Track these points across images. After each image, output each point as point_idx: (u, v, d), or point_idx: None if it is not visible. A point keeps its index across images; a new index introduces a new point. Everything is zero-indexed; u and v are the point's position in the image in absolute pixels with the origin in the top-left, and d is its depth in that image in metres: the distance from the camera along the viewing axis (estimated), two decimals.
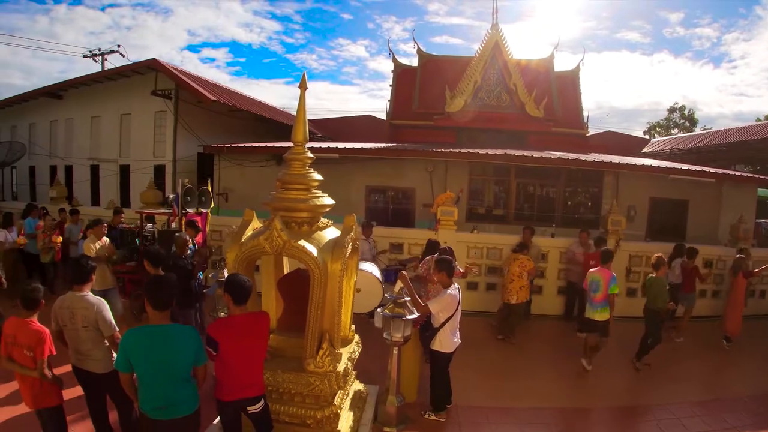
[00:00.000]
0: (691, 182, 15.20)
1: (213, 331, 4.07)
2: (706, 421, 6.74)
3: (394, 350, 5.89)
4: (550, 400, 7.25)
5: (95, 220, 9.24)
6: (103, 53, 29.56)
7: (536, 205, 16.90)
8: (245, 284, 4.20)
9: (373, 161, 15.69)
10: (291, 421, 4.77)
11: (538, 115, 20.01)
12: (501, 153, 14.78)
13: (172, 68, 17.71)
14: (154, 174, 17.79)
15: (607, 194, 15.89)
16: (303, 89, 4.89)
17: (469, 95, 20.09)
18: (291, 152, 4.99)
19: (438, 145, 17.34)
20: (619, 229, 11.29)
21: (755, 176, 18.93)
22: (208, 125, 18.57)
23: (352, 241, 5.03)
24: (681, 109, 58.37)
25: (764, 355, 9.62)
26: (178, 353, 3.85)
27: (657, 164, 16.95)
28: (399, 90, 23.17)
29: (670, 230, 15.13)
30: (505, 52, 20.29)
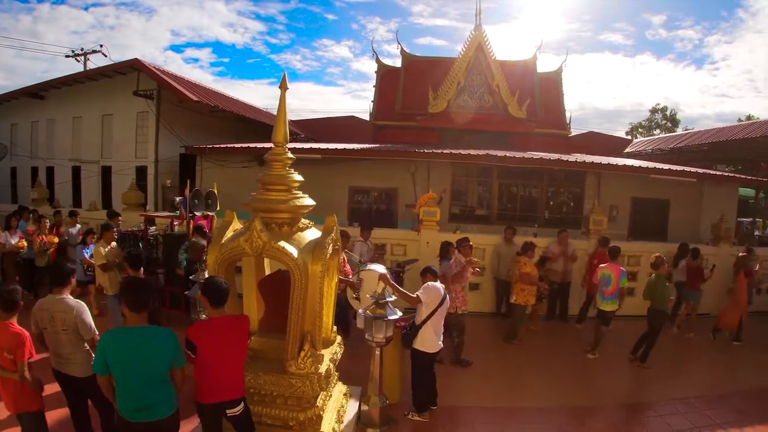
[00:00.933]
0: (673, 182, 15.35)
1: (191, 334, 4.04)
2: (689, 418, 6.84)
3: (376, 351, 5.87)
4: (534, 399, 7.30)
5: (105, 225, 9.14)
6: (85, 53, 29.28)
7: (519, 205, 17.02)
8: (222, 286, 4.18)
9: (355, 162, 15.68)
10: (273, 423, 4.74)
11: (521, 116, 20.10)
12: (483, 153, 14.86)
13: (154, 68, 17.58)
14: (136, 175, 17.62)
15: (589, 194, 16.02)
16: (284, 90, 4.88)
17: (452, 96, 20.15)
18: (271, 153, 4.97)
19: (421, 145, 17.37)
20: (600, 228, 11.41)
21: (736, 176, 19.19)
22: (190, 126, 18.44)
23: (333, 242, 5.00)
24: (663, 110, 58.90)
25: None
26: (155, 355, 3.81)
27: (638, 164, 17.11)
28: (382, 91, 23.19)
29: (651, 230, 15.27)
30: (488, 54, 20.36)
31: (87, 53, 29.25)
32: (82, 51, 29.40)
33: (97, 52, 29.17)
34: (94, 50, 29.28)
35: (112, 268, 8.17)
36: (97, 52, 29.17)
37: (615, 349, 9.37)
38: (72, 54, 29.54)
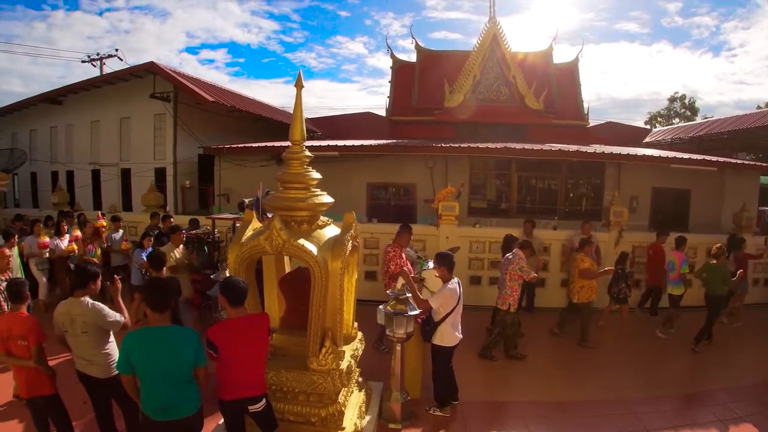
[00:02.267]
0: (693, 171, 15.17)
1: (212, 335, 4.08)
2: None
3: (397, 347, 5.88)
4: (555, 394, 7.24)
5: (173, 227, 9.16)
6: (101, 57, 29.51)
7: (538, 198, 16.90)
8: (240, 285, 4.19)
9: (373, 158, 15.67)
10: (296, 419, 4.77)
11: (538, 108, 19.98)
12: (501, 146, 14.79)
13: (170, 71, 17.73)
14: (155, 177, 17.78)
15: (609, 185, 15.83)
16: (299, 88, 4.88)
17: (468, 90, 20.08)
18: (289, 151, 4.99)
19: (438, 140, 17.34)
20: (621, 220, 11.28)
21: (757, 164, 18.86)
22: (207, 127, 18.61)
23: (352, 239, 5.01)
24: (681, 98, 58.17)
25: None
26: (178, 354, 3.86)
27: (658, 154, 16.92)
28: (398, 86, 23.15)
29: (672, 220, 15.06)
30: (504, 46, 20.27)
31: (103, 58, 29.50)
32: (98, 56, 29.64)
33: (113, 57, 29.44)
34: (109, 55, 29.54)
35: (181, 271, 8.14)
36: (112, 56, 29.44)
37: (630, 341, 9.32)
38: (88, 59, 29.81)
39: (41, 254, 10.20)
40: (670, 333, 9.76)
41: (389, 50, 24.34)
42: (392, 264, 7.94)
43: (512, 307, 8.07)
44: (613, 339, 9.60)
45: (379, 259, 10.95)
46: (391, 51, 24.17)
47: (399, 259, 7.98)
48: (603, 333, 9.77)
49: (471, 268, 11.25)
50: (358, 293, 6.17)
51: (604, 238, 11.24)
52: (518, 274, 7.99)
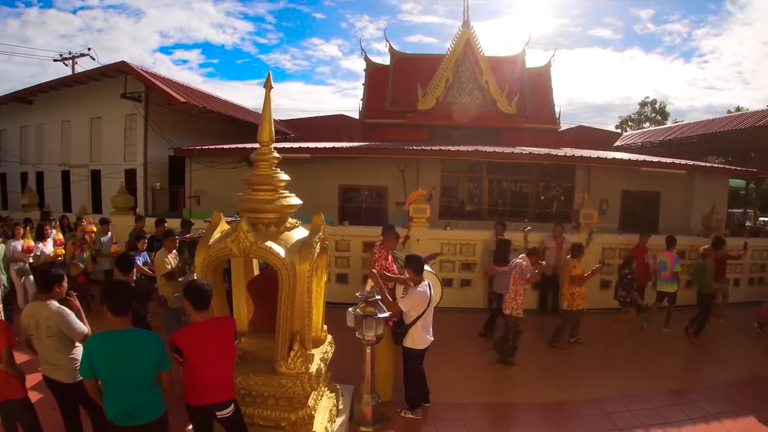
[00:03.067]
0: (663, 174, 15.43)
1: (176, 339, 4.01)
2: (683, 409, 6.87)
3: (367, 349, 5.85)
4: (527, 394, 7.31)
5: (167, 231, 8.90)
6: (73, 57, 29.10)
7: (509, 200, 17.07)
8: (204, 289, 4.14)
9: (345, 160, 15.66)
10: (265, 424, 4.72)
11: (511, 112, 20.21)
12: (472, 150, 14.88)
13: (142, 70, 17.52)
14: (125, 178, 17.51)
15: (580, 188, 16.04)
16: (268, 89, 4.86)
17: (441, 93, 20.24)
18: (257, 153, 4.95)
19: (411, 143, 17.39)
20: (591, 222, 11.43)
21: (726, 167, 19.27)
22: (179, 128, 18.42)
23: (321, 241, 4.98)
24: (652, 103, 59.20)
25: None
26: (140, 358, 3.80)
27: (628, 157, 17.12)
28: (371, 89, 23.25)
29: (642, 222, 15.26)
30: (477, 50, 20.45)
31: (75, 57, 29.09)
32: (71, 55, 29.23)
33: (85, 56, 29.03)
34: (82, 54, 29.13)
35: (176, 278, 7.89)
36: (85, 55, 29.02)
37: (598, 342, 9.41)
38: (60, 58, 29.37)
39: (24, 258, 9.70)
40: (670, 328, 10.25)
41: (363, 53, 24.35)
42: (377, 265, 7.93)
43: (515, 311, 8.05)
44: (597, 339, 9.69)
45: (350, 262, 10.94)
46: (365, 54, 24.27)
47: (385, 261, 7.90)
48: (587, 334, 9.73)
49: (442, 271, 11.24)
50: (329, 296, 6.15)
51: (575, 240, 11.34)
52: (520, 277, 8.00)
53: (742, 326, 10.76)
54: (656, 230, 14.72)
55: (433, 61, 21.77)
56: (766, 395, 7.40)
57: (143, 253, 9.12)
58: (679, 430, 6.32)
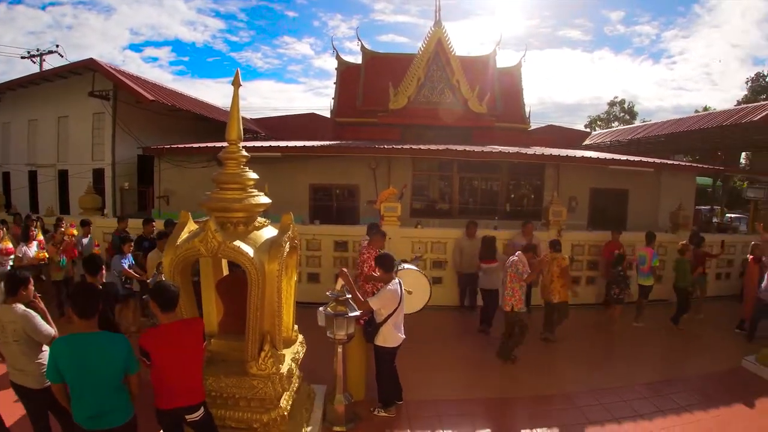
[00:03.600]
0: (631, 172, 15.68)
1: (143, 342, 3.93)
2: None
3: (338, 348, 5.84)
4: (499, 390, 7.35)
5: (162, 233, 8.75)
6: (41, 54, 28.49)
7: (479, 198, 17.20)
8: (170, 290, 4.06)
9: (316, 159, 15.61)
10: (238, 426, 4.69)
11: (481, 111, 20.36)
12: (443, 148, 14.95)
13: (110, 68, 17.26)
14: (93, 178, 17.26)
15: (549, 186, 16.23)
16: (236, 87, 4.83)
17: (412, 92, 20.30)
18: (225, 151, 4.91)
19: (382, 142, 17.42)
20: (560, 219, 11.57)
21: (693, 165, 19.63)
22: (148, 126, 18.21)
23: (290, 240, 4.95)
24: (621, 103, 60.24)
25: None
26: (107, 361, 3.73)
27: (596, 156, 17.39)
28: (343, 88, 23.23)
29: (611, 219, 15.48)
30: (448, 49, 20.54)
31: (43, 54, 28.50)
32: (39, 52, 28.62)
33: (53, 53, 28.46)
34: (50, 51, 28.56)
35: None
36: (53, 52, 28.45)
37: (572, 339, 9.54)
38: (28, 55, 28.74)
39: (3, 262, 9.23)
40: (641, 322, 10.49)
41: (335, 52, 24.28)
42: (366, 265, 7.92)
43: (515, 307, 8.08)
44: (570, 334, 9.72)
45: (321, 261, 10.89)
46: (336, 52, 24.20)
47: (372, 261, 7.94)
48: (564, 329, 9.76)
49: None
50: (300, 295, 6.12)
51: (544, 237, 11.44)
52: (516, 275, 8.04)
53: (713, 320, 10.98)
54: (624, 227, 14.92)
55: (405, 61, 21.82)
56: (736, 387, 7.56)
57: (128, 255, 8.92)
58: (651, 422, 6.42)
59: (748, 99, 40.61)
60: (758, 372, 8.06)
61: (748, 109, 18.82)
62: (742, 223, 22.55)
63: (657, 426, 6.34)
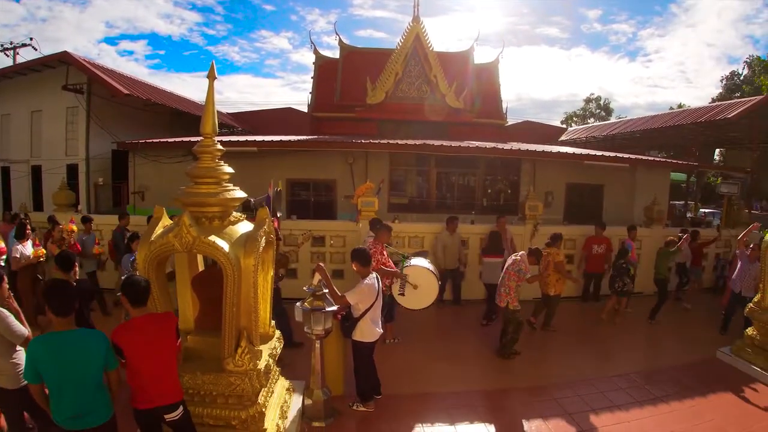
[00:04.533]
0: (606, 167, 15.86)
1: (116, 337, 3.86)
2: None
3: (316, 343, 5.83)
4: (478, 382, 7.40)
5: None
6: (15, 47, 27.80)
7: (457, 193, 17.30)
8: (140, 284, 4.01)
9: (293, 154, 15.51)
10: (215, 423, 4.66)
11: (459, 106, 20.46)
12: (420, 143, 14.99)
13: (84, 61, 16.98)
14: (67, 174, 16.98)
15: (525, 181, 16.39)
16: (212, 79, 4.75)
17: (390, 87, 20.31)
18: (200, 145, 4.83)
19: (360, 136, 17.40)
20: (536, 213, 11.70)
21: (667, 160, 19.87)
22: (122, 121, 17.95)
23: (266, 235, 4.91)
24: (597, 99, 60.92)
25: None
26: (87, 359, 3.68)
27: (572, 151, 17.54)
28: (321, 82, 23.16)
29: (586, 214, 15.69)
30: (426, 45, 20.58)
31: (17, 47, 27.81)
32: (12, 45, 27.96)
33: (27, 46, 27.83)
34: (24, 44, 27.92)
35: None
36: (27, 45, 27.82)
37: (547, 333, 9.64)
38: (1, 48, 28.07)
39: None
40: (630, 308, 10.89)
41: (313, 46, 24.18)
42: (373, 260, 7.91)
43: (511, 304, 8.07)
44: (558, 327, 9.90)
45: (299, 256, 10.83)
46: (314, 46, 24.13)
47: (381, 256, 8.02)
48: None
49: None
50: None
51: (520, 232, 11.57)
52: (515, 274, 8.02)
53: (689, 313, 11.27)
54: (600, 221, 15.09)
55: (383, 56, 21.79)
56: (711, 378, 7.72)
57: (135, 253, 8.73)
58: (627, 412, 6.52)
59: (722, 97, 41.27)
60: (732, 363, 8.26)
61: (723, 106, 19.12)
62: (715, 218, 22.88)
63: (633, 416, 6.43)
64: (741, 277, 9.49)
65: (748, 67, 44.26)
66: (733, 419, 6.45)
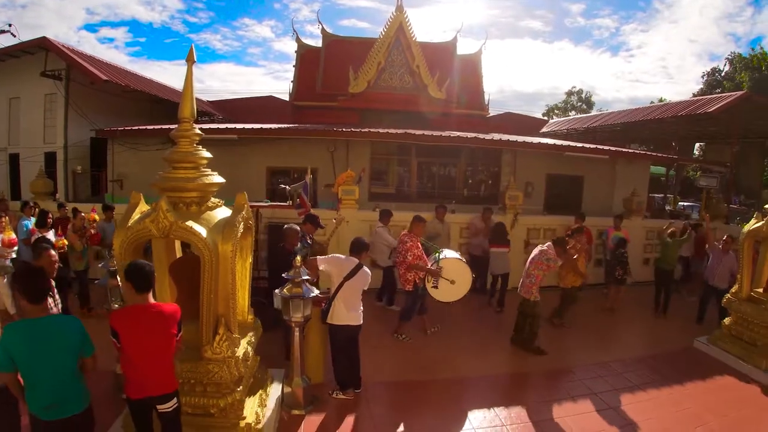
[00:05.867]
0: (586, 159, 15.99)
1: (114, 321, 3.79)
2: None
3: (295, 331, 5.81)
4: (462, 370, 7.45)
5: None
6: None
7: (437, 183, 17.34)
8: (146, 269, 3.91)
9: (273, 142, 15.42)
10: (194, 412, 4.65)
11: (441, 97, 20.51)
12: (401, 132, 14.96)
13: (63, 47, 16.66)
14: (45, 162, 16.70)
15: (506, 171, 16.45)
16: (190, 63, 4.69)
17: (372, 76, 20.30)
18: (178, 129, 4.78)
19: (341, 125, 17.32)
20: (516, 203, 11.77)
21: (647, 153, 20.07)
22: (101, 108, 17.67)
23: (245, 221, 4.88)
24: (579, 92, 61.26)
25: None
26: (62, 345, 3.60)
27: (553, 142, 17.64)
28: (303, 71, 23.10)
29: (566, 204, 15.83)
30: (409, 35, 20.56)
31: None
32: None
33: (5, 32, 27.19)
34: (2, 30, 27.35)
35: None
36: (5, 32, 27.13)
37: None
38: None
39: (4, 254, 8.02)
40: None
41: (295, 34, 24.05)
42: (410, 254, 7.98)
43: (534, 296, 8.07)
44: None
45: None
46: (296, 35, 24.02)
47: (417, 250, 8.08)
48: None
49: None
50: None
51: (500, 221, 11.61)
52: (545, 264, 7.99)
53: None
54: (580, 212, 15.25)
55: (366, 45, 21.76)
56: (689, 366, 7.91)
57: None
58: (606, 400, 6.61)
59: (703, 92, 41.63)
60: (709, 352, 8.45)
61: (703, 100, 19.27)
62: (694, 210, 23.18)
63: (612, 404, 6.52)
64: (714, 268, 9.70)
65: (730, 64, 44.66)
66: (711, 407, 6.57)
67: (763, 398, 6.98)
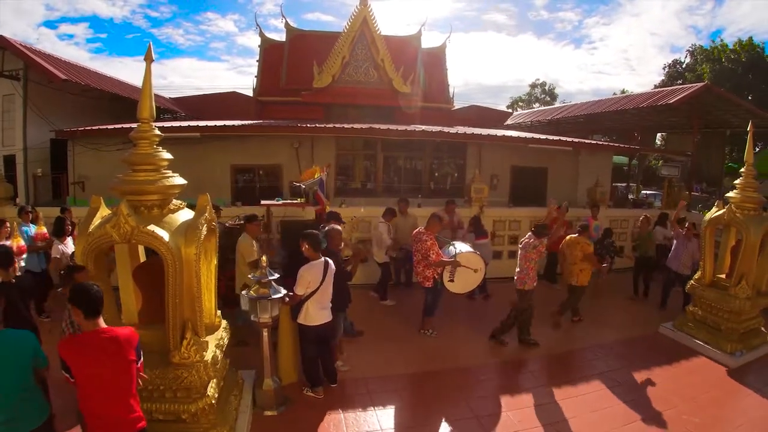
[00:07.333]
0: (550, 151, 16.18)
1: (62, 350, 3.42)
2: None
3: (264, 332, 5.78)
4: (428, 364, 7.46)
5: (250, 216, 7.75)
6: None
7: (403, 177, 17.30)
8: (92, 292, 3.48)
9: (237, 139, 15.23)
10: (165, 418, 4.59)
11: (406, 91, 20.56)
12: (366, 127, 14.99)
13: (20, 45, 16.27)
14: (3, 165, 16.33)
15: (471, 164, 16.51)
16: (149, 61, 4.61)
17: (337, 71, 20.26)
18: (137, 130, 4.68)
19: (306, 121, 17.30)
20: (481, 196, 11.93)
21: (610, 144, 20.41)
22: (62, 108, 17.31)
23: (207, 222, 4.80)
24: (542, 85, 62.04)
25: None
26: (15, 359, 3.51)
27: (517, 135, 17.81)
28: (266, 66, 22.94)
29: (531, 196, 16.05)
30: (373, 28, 20.56)
31: None
32: None
33: None
34: None
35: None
36: None
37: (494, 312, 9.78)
38: None
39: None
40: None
41: (259, 28, 23.88)
42: (432, 252, 7.98)
43: (528, 285, 8.07)
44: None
45: None
46: (260, 29, 23.87)
47: (436, 247, 8.11)
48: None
49: None
50: None
51: (467, 214, 11.68)
52: (533, 253, 8.03)
53: (624, 290, 11.53)
54: (544, 203, 15.37)
55: (330, 39, 21.67)
56: (655, 352, 8.14)
57: None
58: (575, 387, 6.78)
59: (664, 84, 42.49)
60: (675, 337, 8.68)
61: (665, 92, 19.62)
62: (656, 199, 23.57)
63: (580, 390, 6.68)
64: (676, 255, 9.95)
65: (691, 56, 45.59)
66: (679, 391, 6.75)
67: (730, 381, 7.18)
